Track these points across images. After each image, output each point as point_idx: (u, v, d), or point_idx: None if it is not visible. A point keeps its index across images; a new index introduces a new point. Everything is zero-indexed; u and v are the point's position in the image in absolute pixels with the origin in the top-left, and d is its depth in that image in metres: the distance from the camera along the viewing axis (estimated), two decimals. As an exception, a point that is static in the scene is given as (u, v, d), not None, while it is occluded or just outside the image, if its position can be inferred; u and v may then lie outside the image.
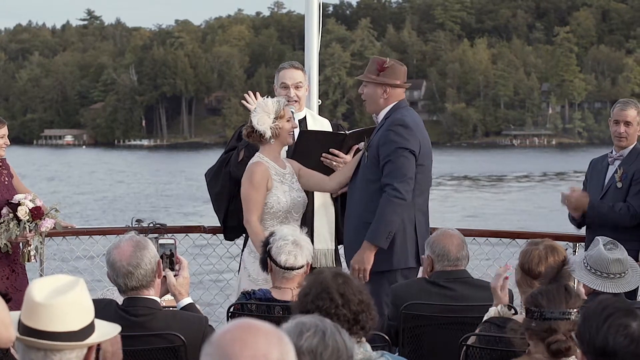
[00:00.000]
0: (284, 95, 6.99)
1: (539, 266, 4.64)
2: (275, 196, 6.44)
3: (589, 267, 5.13)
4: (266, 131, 6.41)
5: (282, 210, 6.45)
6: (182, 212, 43.05)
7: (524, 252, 4.79)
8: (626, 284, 5.08)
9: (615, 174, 7.11)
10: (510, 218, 39.26)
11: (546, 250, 4.68)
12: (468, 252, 5.49)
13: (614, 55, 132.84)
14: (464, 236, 5.57)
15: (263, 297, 5.20)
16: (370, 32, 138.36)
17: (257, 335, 2.37)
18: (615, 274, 5.06)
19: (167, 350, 4.50)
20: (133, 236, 4.53)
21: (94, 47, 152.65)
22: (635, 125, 7.16)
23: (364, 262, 6.28)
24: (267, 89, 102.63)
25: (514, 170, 74.75)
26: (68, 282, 3.24)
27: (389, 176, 6.31)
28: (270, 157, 6.50)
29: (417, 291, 5.42)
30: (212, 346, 2.37)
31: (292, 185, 6.53)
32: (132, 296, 4.49)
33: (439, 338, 5.32)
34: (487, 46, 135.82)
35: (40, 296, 3.16)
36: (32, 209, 7.00)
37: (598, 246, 5.14)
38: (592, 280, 5.09)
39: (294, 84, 7.00)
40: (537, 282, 4.60)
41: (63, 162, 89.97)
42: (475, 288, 5.40)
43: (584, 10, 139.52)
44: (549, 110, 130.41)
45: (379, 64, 6.47)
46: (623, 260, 5.08)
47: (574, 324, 3.79)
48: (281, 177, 6.49)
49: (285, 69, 7.06)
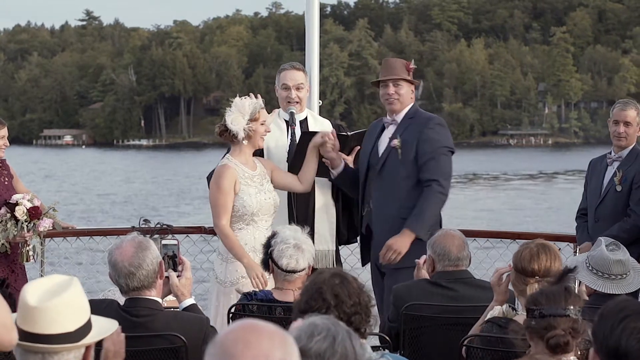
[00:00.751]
0: (285, 96, 6.97)
1: (531, 263, 4.62)
2: (241, 199, 6.41)
3: (590, 268, 5.11)
4: (239, 132, 6.38)
5: (248, 213, 6.41)
6: (181, 211, 43.04)
7: (516, 252, 4.78)
8: (628, 285, 5.06)
9: (615, 176, 7.08)
10: (510, 216, 39.27)
11: (537, 247, 4.66)
12: (469, 253, 5.47)
13: (610, 55, 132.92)
14: (465, 236, 5.55)
15: (264, 298, 5.20)
16: (368, 33, 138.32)
17: (260, 336, 2.36)
18: (616, 275, 5.04)
19: (168, 350, 4.49)
20: (135, 237, 4.52)
21: (92, 47, 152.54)
22: (635, 125, 7.14)
23: (400, 247, 6.32)
24: (265, 89, 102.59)
25: (511, 169, 75.00)
26: (61, 283, 3.21)
27: (433, 172, 6.45)
28: (240, 159, 6.47)
29: (418, 292, 5.39)
30: (216, 346, 2.36)
31: (260, 187, 6.47)
32: (134, 297, 4.48)
33: (439, 339, 5.30)
34: (484, 46, 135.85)
35: (33, 299, 3.14)
36: (30, 209, 6.96)
37: (600, 247, 5.13)
38: (594, 280, 5.07)
39: (294, 85, 6.95)
40: (531, 279, 4.58)
41: (62, 162, 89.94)
42: (477, 288, 5.38)
43: (581, 10, 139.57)
44: (546, 110, 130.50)
45: (406, 65, 6.69)
46: (625, 262, 5.06)
47: (574, 321, 3.80)
48: (249, 180, 6.45)
49: (286, 70, 7.02)
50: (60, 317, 3.14)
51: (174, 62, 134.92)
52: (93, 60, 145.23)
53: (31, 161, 78.94)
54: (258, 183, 6.48)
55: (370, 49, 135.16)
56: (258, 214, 6.41)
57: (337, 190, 7.00)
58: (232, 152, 6.49)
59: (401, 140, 6.56)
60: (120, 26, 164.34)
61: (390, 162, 6.58)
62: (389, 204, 6.54)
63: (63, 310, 3.15)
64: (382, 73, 6.76)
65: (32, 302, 3.14)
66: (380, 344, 4.83)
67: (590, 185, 7.29)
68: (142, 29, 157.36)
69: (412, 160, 6.50)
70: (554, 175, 68.99)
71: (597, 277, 5.08)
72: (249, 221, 6.42)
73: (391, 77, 6.66)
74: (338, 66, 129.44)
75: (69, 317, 3.16)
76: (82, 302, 3.24)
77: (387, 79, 6.68)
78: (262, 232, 6.36)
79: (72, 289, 3.19)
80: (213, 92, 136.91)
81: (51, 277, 3.27)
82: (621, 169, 7.08)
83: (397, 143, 6.58)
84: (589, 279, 5.09)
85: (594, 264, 5.11)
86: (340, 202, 6.99)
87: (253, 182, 6.46)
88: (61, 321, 3.14)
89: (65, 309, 3.16)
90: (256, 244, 6.29)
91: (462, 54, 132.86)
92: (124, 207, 46.41)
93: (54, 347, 3.14)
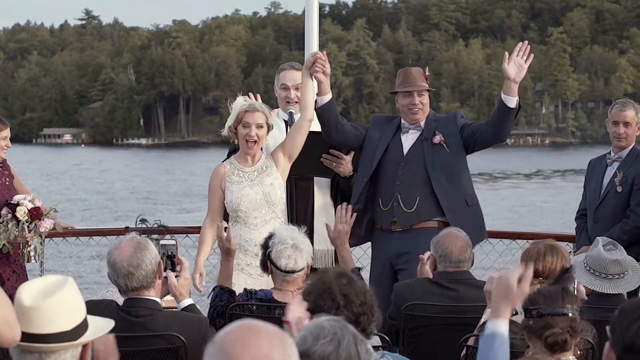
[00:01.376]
0: (284, 96, 6.94)
1: (536, 263, 4.61)
2: (226, 197, 6.47)
3: (588, 268, 5.10)
4: (224, 130, 6.49)
5: (231, 209, 6.44)
6: (182, 208, 43.07)
7: (525, 251, 4.77)
8: (625, 284, 5.04)
9: (615, 177, 7.04)
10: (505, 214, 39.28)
11: (545, 248, 4.66)
12: (472, 254, 5.44)
13: (607, 55, 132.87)
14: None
15: (264, 297, 5.18)
16: (366, 33, 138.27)
17: (259, 337, 2.34)
18: (614, 275, 5.02)
19: (167, 350, 4.47)
20: (134, 237, 4.50)
21: (92, 46, 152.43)
22: (634, 125, 7.10)
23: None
24: (264, 88, 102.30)
25: (508, 168, 75.05)
26: (56, 282, 3.19)
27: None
28: (239, 157, 6.55)
29: (419, 291, 5.38)
30: (215, 347, 2.34)
31: (250, 182, 6.45)
32: (133, 297, 4.45)
33: (439, 338, 5.28)
34: (482, 46, 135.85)
35: (28, 299, 3.12)
36: (31, 210, 6.93)
37: (598, 247, 5.11)
38: (591, 280, 5.06)
39: (294, 85, 6.91)
40: (535, 280, 4.53)
41: (62, 160, 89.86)
42: (477, 289, 5.32)
43: (578, 10, 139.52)
44: (543, 110, 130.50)
45: (423, 74, 6.81)
46: (622, 261, 5.04)
47: (572, 320, 3.79)
48: (236, 177, 6.47)
49: (286, 70, 6.99)
50: (56, 317, 3.12)
51: (173, 62, 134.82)
52: (92, 59, 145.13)
53: (27, 160, 78.85)
54: (248, 178, 6.46)
55: (368, 48, 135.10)
56: (241, 209, 6.39)
57: (337, 191, 6.98)
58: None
59: (442, 134, 6.70)
60: (120, 25, 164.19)
61: (432, 156, 6.71)
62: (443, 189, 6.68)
63: (58, 310, 3.13)
64: (404, 83, 6.79)
65: (27, 302, 3.12)
66: (382, 344, 4.81)
67: (590, 186, 7.26)
68: (142, 29, 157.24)
69: (457, 152, 6.69)
70: (551, 175, 69.10)
71: (595, 277, 5.06)
72: (235, 218, 6.44)
73: (416, 88, 6.75)
74: (336, 66, 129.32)
75: (64, 316, 3.14)
76: (78, 301, 3.22)
77: (412, 89, 6.75)
78: (251, 229, 6.37)
79: (67, 288, 3.17)
80: (212, 92, 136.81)
81: (46, 277, 3.24)
82: (621, 169, 7.04)
83: (441, 138, 6.70)
84: (586, 279, 5.08)
85: (591, 264, 5.09)
86: (339, 201, 6.96)
87: (241, 178, 6.47)
88: (57, 320, 3.12)
89: (61, 308, 3.14)
90: (241, 241, 6.31)
91: (460, 54, 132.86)
92: (123, 205, 46.38)
93: (51, 346, 3.12)
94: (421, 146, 6.73)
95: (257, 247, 6.17)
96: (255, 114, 6.39)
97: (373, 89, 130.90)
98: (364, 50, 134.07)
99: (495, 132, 6.58)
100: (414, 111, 6.76)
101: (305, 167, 6.72)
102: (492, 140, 6.65)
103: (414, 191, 6.67)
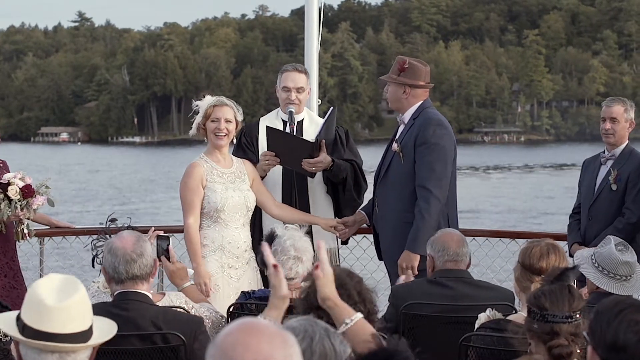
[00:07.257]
0: (285, 97, 6.69)
1: (540, 261, 4.47)
2: (207, 196, 6.12)
3: (596, 265, 4.91)
4: (192, 130, 6.27)
5: (213, 209, 6.10)
6: (174, 205, 42.94)
7: (525, 249, 4.60)
8: (630, 287, 4.88)
9: (610, 175, 6.88)
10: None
11: (547, 247, 4.52)
12: (469, 252, 5.26)
13: (581, 56, 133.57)
14: (464, 236, 5.34)
15: (263, 296, 5.02)
16: (350, 35, 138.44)
17: (259, 338, 2.22)
18: (622, 276, 4.85)
19: (166, 349, 4.31)
20: (132, 231, 4.51)
21: (85, 48, 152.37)
22: (623, 122, 6.94)
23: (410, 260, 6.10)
24: (253, 88, 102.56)
25: (485, 163, 75.94)
26: (70, 282, 3.09)
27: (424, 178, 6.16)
28: (211, 156, 6.22)
29: (417, 292, 5.19)
30: (215, 348, 2.24)
31: (230, 185, 6.17)
32: (124, 290, 4.30)
33: (439, 337, 5.09)
34: (461, 48, 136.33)
35: (50, 299, 3.02)
36: (23, 188, 6.63)
37: (610, 245, 4.92)
38: (598, 278, 4.88)
39: (295, 87, 6.65)
40: (537, 277, 4.40)
41: (59, 158, 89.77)
42: (476, 287, 5.18)
43: (554, 13, 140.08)
44: (519, 109, 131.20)
45: (400, 64, 6.37)
46: (632, 264, 4.88)
47: (577, 327, 3.60)
48: (217, 177, 6.16)
49: (288, 71, 6.69)
50: (78, 316, 3.04)
51: (166, 63, 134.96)
52: (87, 60, 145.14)
53: (28, 157, 78.68)
54: (228, 180, 6.17)
55: (352, 50, 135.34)
56: (224, 210, 6.09)
57: (335, 190, 6.73)
58: (206, 150, 6.27)
59: (401, 143, 6.35)
60: (112, 27, 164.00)
61: (391, 166, 6.42)
62: (391, 206, 6.41)
63: (80, 309, 3.05)
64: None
65: (50, 302, 3.01)
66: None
67: (584, 184, 7.10)
68: (134, 31, 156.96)
69: (412, 163, 6.35)
70: (524, 169, 70.14)
71: (602, 275, 4.89)
72: (216, 218, 6.10)
73: (383, 78, 6.54)
74: (322, 67, 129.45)
75: (84, 315, 3.06)
76: (89, 301, 3.15)
77: (384, 79, 6.53)
78: (232, 231, 6.11)
79: (81, 287, 3.08)
80: (203, 92, 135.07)
81: (53, 276, 3.12)
82: (615, 167, 6.88)
83: (395, 147, 6.37)
84: (593, 275, 4.90)
85: (600, 261, 4.91)
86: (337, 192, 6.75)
87: (222, 179, 6.16)
88: (78, 320, 3.04)
89: (81, 307, 3.06)
90: (224, 242, 6.07)
91: (440, 55, 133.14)
92: (116, 201, 46.22)
93: (72, 346, 3.02)
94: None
95: (239, 249, 6.12)
96: (223, 108, 6.14)
97: (357, 89, 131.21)
98: (348, 51, 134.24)
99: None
100: (388, 102, 6.58)
101: (291, 164, 6.46)
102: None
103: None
